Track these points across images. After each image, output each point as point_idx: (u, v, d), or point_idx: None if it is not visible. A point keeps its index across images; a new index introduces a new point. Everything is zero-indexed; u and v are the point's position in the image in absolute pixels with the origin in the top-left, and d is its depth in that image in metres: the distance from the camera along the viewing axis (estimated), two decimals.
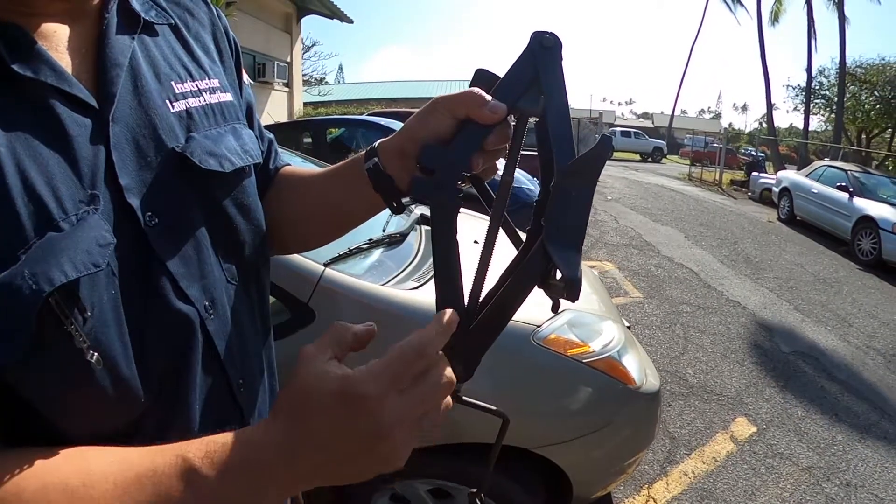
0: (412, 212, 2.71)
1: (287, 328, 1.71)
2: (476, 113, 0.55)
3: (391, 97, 28.27)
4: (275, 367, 0.78)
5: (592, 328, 2.08)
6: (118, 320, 0.47)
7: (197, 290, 0.55)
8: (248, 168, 0.65)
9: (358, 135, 7.68)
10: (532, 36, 0.55)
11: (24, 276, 0.39)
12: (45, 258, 0.41)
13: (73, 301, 0.43)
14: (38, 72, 0.44)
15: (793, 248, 8.62)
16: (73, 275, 0.42)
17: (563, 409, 1.84)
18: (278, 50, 15.34)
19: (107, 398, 0.47)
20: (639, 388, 1.95)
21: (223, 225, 0.61)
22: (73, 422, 0.48)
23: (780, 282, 6.47)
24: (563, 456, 1.84)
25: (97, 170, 0.47)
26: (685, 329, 4.76)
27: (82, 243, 0.43)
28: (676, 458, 2.96)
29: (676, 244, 7.95)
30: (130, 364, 0.49)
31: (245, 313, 0.65)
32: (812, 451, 3.12)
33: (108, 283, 0.46)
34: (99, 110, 0.48)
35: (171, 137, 0.54)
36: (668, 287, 5.89)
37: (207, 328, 0.57)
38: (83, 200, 0.45)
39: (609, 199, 11.56)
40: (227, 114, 0.64)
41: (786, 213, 11.26)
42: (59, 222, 0.43)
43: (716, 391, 3.72)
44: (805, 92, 23.39)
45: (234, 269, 0.63)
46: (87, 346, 0.44)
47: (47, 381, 0.44)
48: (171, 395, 0.54)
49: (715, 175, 17.69)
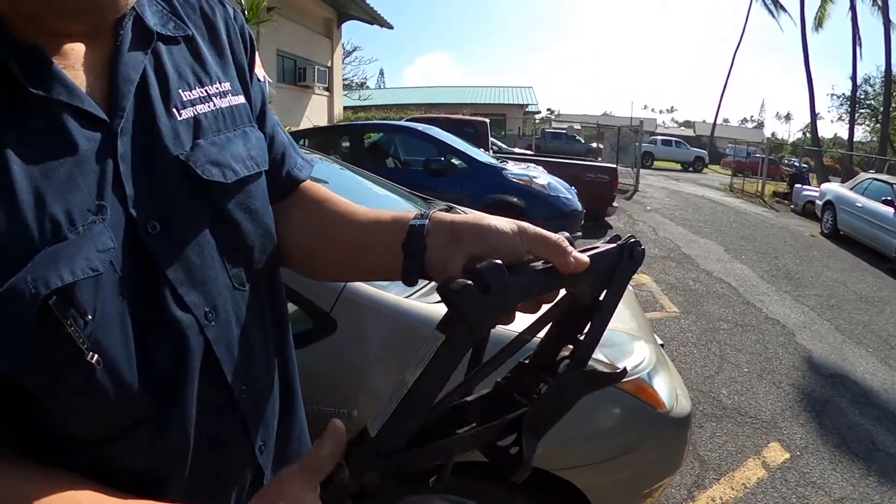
0: None
1: (308, 337, 1.71)
2: (559, 259, 0.55)
3: (431, 102, 28.42)
4: (292, 373, 0.77)
5: (623, 348, 2.02)
6: (122, 325, 0.50)
7: (197, 296, 0.56)
8: (255, 175, 0.65)
9: (396, 140, 7.72)
10: (629, 242, 0.57)
11: (27, 281, 0.43)
12: (47, 265, 0.44)
13: (72, 304, 0.45)
14: (51, 90, 0.47)
15: (835, 264, 8.35)
16: (69, 279, 0.44)
17: (587, 432, 1.79)
18: (319, 55, 15.59)
19: (107, 399, 0.50)
20: (668, 413, 1.88)
21: (229, 230, 0.61)
22: (76, 420, 0.51)
23: (822, 300, 6.27)
24: (585, 479, 1.80)
25: (105, 181, 0.50)
26: (721, 347, 4.64)
27: (83, 251, 0.46)
28: (705, 482, 2.88)
29: (716, 257, 7.79)
30: (132, 367, 0.51)
31: (254, 319, 0.65)
32: (846, 481, 2.99)
33: (113, 289, 0.49)
34: (109, 124, 0.51)
35: (177, 145, 0.56)
36: (706, 302, 5.76)
37: (207, 335, 0.57)
38: (91, 210, 0.48)
39: (648, 210, 11.40)
40: (238, 117, 0.65)
41: (829, 227, 10.89)
42: (66, 234, 0.46)
43: (750, 413, 3.62)
44: (850, 101, 22.68)
45: (242, 275, 0.63)
46: (87, 347, 0.47)
47: (49, 379, 0.47)
48: (169, 402, 0.55)
49: (757, 186, 17.24)
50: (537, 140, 25.81)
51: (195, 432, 0.58)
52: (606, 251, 0.57)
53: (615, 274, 0.57)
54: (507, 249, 0.57)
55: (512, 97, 35.93)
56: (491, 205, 5.91)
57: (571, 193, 7.09)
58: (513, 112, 34.31)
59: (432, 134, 7.12)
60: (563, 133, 28.95)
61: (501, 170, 6.83)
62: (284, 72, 14.05)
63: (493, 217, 0.61)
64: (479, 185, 6.57)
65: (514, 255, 0.56)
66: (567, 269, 0.55)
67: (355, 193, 3.06)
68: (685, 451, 2.04)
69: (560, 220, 6.44)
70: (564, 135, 28.28)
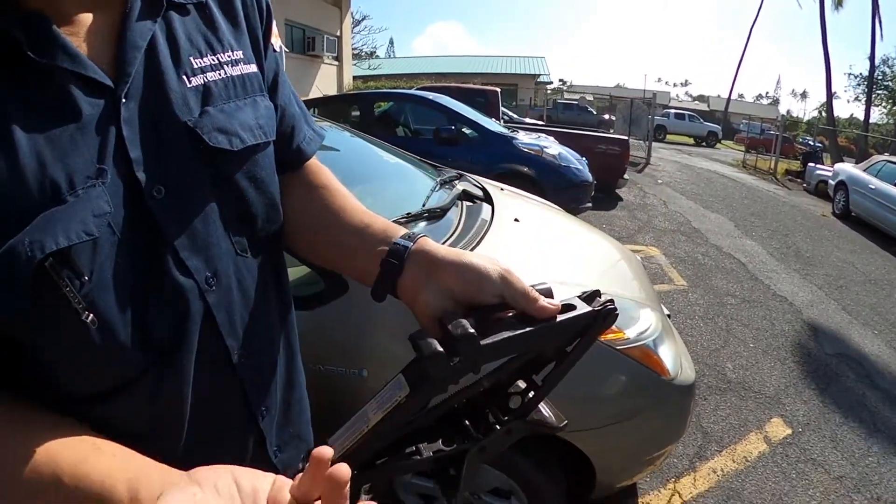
0: (454, 187, 2.70)
1: (321, 299, 1.73)
2: (532, 307, 0.57)
3: (442, 72, 28.06)
4: (294, 341, 0.78)
5: (629, 314, 2.03)
6: (120, 287, 0.51)
7: (199, 261, 0.57)
8: (263, 144, 0.65)
9: (406, 109, 7.64)
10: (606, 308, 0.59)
11: (24, 244, 0.44)
12: (44, 228, 0.45)
13: (68, 266, 0.47)
14: (55, 58, 0.47)
15: (845, 245, 8.27)
16: (64, 243, 0.46)
17: (592, 396, 1.81)
18: (328, 24, 15.37)
19: (102, 358, 0.52)
20: (673, 380, 1.90)
21: (234, 198, 0.62)
22: (72, 376, 0.52)
23: (830, 279, 6.24)
24: (588, 443, 1.82)
25: (107, 146, 0.50)
26: (728, 321, 4.64)
27: (78, 214, 0.47)
28: (707, 453, 2.91)
29: (726, 233, 7.73)
30: (127, 328, 0.52)
31: (256, 286, 0.66)
32: (846, 460, 3.01)
33: (112, 251, 0.50)
34: (114, 90, 0.51)
35: (185, 112, 0.56)
36: (714, 277, 5.74)
37: (207, 300, 0.58)
38: (90, 175, 0.49)
39: (659, 183, 11.31)
40: (249, 86, 0.64)
41: (841, 207, 10.77)
42: (65, 197, 0.47)
43: (754, 388, 3.63)
44: (867, 81, 22.21)
45: (245, 242, 0.64)
46: (83, 307, 0.48)
47: (46, 336, 0.49)
48: (166, 362, 0.56)
49: (770, 164, 17.04)
50: (549, 111, 25.55)
51: (192, 396, 0.59)
52: (582, 314, 0.58)
53: (585, 334, 0.59)
54: (487, 292, 0.59)
55: (524, 67, 35.43)
56: (501, 174, 5.86)
57: (582, 164, 7.02)
58: (524, 82, 33.92)
59: (443, 103, 7.03)
60: (575, 104, 28.64)
61: (512, 139, 6.77)
62: (293, 41, 13.87)
63: (479, 256, 0.63)
64: (489, 154, 6.51)
65: (492, 298, 0.59)
66: (541, 315, 0.57)
67: (366, 161, 3.04)
68: (688, 419, 2.06)
69: (570, 190, 6.40)
70: (576, 106, 27.98)
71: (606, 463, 1.91)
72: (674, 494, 2.58)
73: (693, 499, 2.57)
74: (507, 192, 3.18)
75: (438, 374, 0.52)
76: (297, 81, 12.50)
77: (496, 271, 0.60)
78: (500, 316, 0.58)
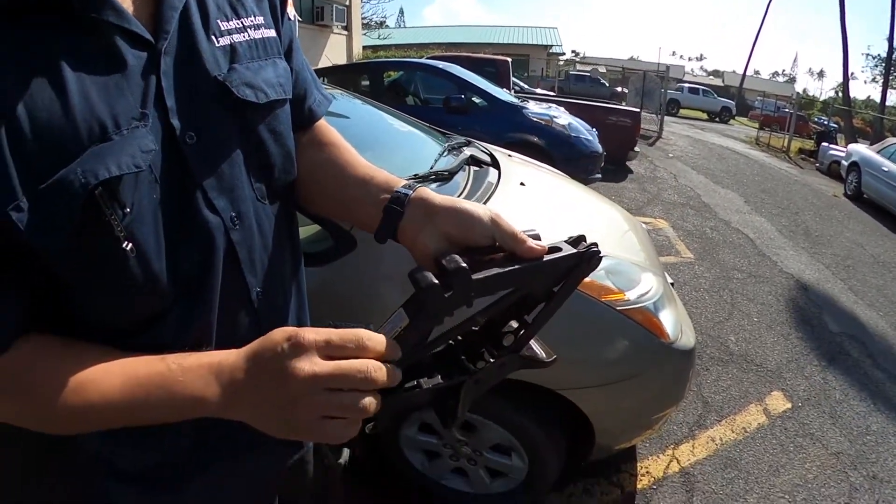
0: (462, 152, 2.69)
1: (329, 255, 1.75)
2: (521, 248, 0.62)
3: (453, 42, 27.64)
4: (304, 292, 0.86)
5: (630, 277, 2.04)
6: (155, 221, 0.57)
7: (225, 202, 0.64)
8: (283, 101, 0.72)
9: (415, 78, 7.55)
10: (591, 250, 0.62)
11: (77, 172, 0.49)
12: (96, 160, 0.50)
13: (114, 197, 0.52)
14: (102, 12, 0.51)
15: (855, 226, 8.21)
16: (115, 171, 0.51)
17: (591, 355, 1.82)
18: None
19: (137, 286, 0.57)
20: (672, 344, 1.91)
21: (256, 148, 0.68)
22: (109, 309, 0.59)
23: (838, 259, 6.21)
24: (588, 402, 1.85)
25: (148, 93, 0.55)
26: (733, 295, 4.64)
27: (128, 149, 0.52)
28: (706, 422, 2.94)
29: (735, 209, 7.69)
30: (161, 259, 0.58)
31: (273, 232, 0.73)
32: (844, 437, 3.03)
33: (150, 188, 0.55)
34: (154, 45, 0.56)
35: (215, 68, 0.62)
36: (722, 251, 5.73)
37: (231, 237, 0.65)
38: (135, 117, 0.54)
39: (670, 157, 11.21)
40: (269, 48, 0.70)
41: (853, 188, 10.64)
42: (111, 135, 0.52)
43: (756, 361, 3.65)
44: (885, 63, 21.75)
45: (264, 189, 0.71)
46: (124, 236, 0.53)
47: (87, 267, 0.54)
48: (195, 294, 0.63)
49: (783, 142, 16.83)
50: (560, 82, 25.23)
51: (216, 325, 0.65)
52: (567, 255, 0.62)
53: (570, 275, 0.63)
54: (478, 233, 0.64)
55: (536, 38, 34.86)
56: (510, 143, 5.82)
57: (592, 135, 6.95)
58: (536, 53, 33.40)
59: (452, 72, 6.95)
60: (588, 76, 28.23)
61: (522, 109, 6.69)
62: (302, 11, 13.64)
63: (472, 203, 0.68)
64: (498, 123, 6.44)
65: (484, 239, 0.64)
66: (528, 255, 0.61)
67: (376, 128, 3.03)
68: (687, 384, 2.07)
69: (580, 160, 6.35)
70: (588, 77, 27.58)
71: (606, 424, 1.93)
72: (672, 460, 2.62)
73: (691, 466, 2.60)
74: (515, 159, 3.16)
75: (433, 305, 0.56)
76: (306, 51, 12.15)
77: (487, 215, 0.65)
78: (491, 256, 0.62)
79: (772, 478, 2.61)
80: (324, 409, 0.52)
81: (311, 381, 0.51)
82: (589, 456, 2.04)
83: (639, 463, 2.58)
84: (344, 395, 0.52)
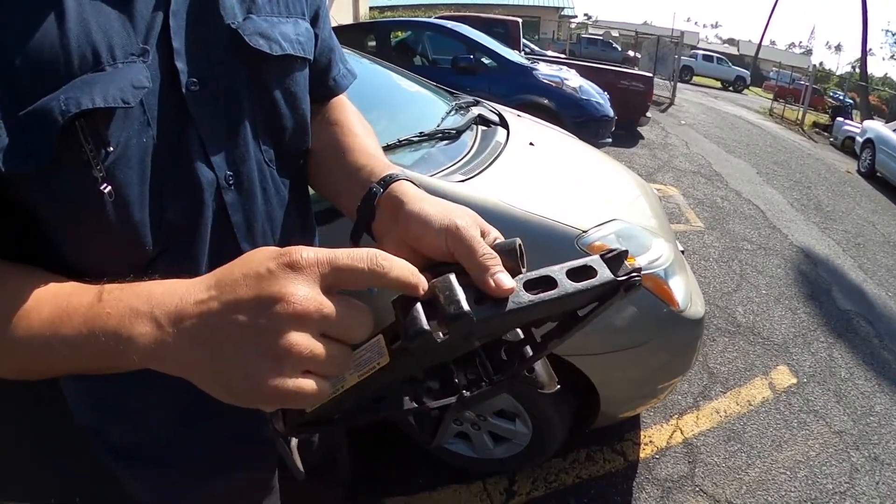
0: (469, 111, 2.61)
1: (332, 214, 1.69)
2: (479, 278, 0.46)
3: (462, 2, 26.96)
4: None
5: (641, 242, 1.97)
6: (142, 166, 0.52)
7: (221, 158, 0.59)
8: (301, 60, 0.67)
9: (424, 38, 7.38)
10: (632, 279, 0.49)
11: (60, 99, 0.45)
12: (82, 88, 0.46)
13: (96, 132, 0.48)
14: None
15: (867, 203, 8.06)
16: (100, 103, 0.46)
17: (599, 321, 1.76)
18: None
19: (115, 236, 0.52)
20: (682, 312, 1.85)
21: (267, 107, 0.64)
22: (85, 254, 0.54)
23: (849, 236, 6.11)
24: (594, 369, 1.80)
25: (153, 30, 0.52)
26: (742, 266, 4.58)
27: (118, 81, 0.48)
28: (711, 394, 2.91)
29: (747, 179, 7.56)
30: (143, 209, 0.53)
31: (279, 200, 0.68)
32: (847, 416, 3.00)
33: (140, 130, 0.51)
34: None
35: (230, 15, 0.58)
36: (732, 221, 5.64)
37: (224, 197, 0.60)
38: (134, 52, 0.50)
39: (682, 124, 11.01)
40: (292, 7, 0.67)
41: (866, 166, 10.42)
42: (105, 65, 0.48)
43: (763, 335, 3.61)
44: None
45: (273, 154, 0.66)
46: (103, 177, 0.49)
47: (62, 205, 0.50)
48: (181, 251, 0.59)
49: (798, 114, 16.50)
50: (572, 45, 24.71)
51: None
52: (602, 284, 0.48)
53: (603, 303, 0.50)
54: (428, 246, 0.51)
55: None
56: (520, 105, 5.68)
57: (604, 98, 6.79)
58: (548, 15, 32.67)
59: (461, 31, 6.79)
60: (600, 39, 27.70)
61: (532, 70, 6.54)
62: None
63: (435, 203, 0.55)
64: (507, 84, 6.32)
65: (438, 253, 0.50)
66: (489, 292, 0.45)
67: (382, 87, 2.93)
68: (695, 354, 2.03)
69: (590, 124, 6.23)
70: (601, 41, 27.06)
71: (612, 392, 1.89)
72: (676, 430, 2.59)
73: (694, 436, 2.58)
74: (524, 119, 3.07)
75: (423, 352, 0.44)
76: None
77: (441, 222, 0.51)
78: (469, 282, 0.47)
79: (774, 453, 2.59)
80: (310, 363, 0.39)
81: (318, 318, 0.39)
82: (593, 423, 2.01)
83: (642, 432, 2.56)
84: (334, 345, 0.41)
